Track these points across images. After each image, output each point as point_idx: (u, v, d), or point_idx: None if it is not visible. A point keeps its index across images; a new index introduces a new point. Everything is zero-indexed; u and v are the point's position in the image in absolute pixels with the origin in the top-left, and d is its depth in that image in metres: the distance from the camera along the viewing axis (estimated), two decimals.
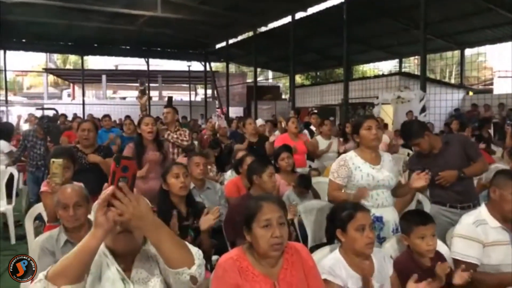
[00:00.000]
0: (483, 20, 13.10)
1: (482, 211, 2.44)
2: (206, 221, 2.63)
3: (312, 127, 7.66)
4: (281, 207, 1.83)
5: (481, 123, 8.99)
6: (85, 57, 25.86)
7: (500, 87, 18.68)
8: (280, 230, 1.74)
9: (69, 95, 32.10)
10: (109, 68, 30.74)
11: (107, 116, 8.15)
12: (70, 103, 25.00)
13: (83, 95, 23.78)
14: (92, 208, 1.36)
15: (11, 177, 5.30)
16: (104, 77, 27.31)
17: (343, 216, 2.08)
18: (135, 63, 29.26)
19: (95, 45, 21.94)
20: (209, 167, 4.47)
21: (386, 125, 10.24)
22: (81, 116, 16.79)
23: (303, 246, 2.00)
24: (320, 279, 1.91)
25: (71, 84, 31.29)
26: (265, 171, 3.11)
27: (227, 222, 3.05)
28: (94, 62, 35.41)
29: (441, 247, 2.39)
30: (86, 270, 1.38)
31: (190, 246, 1.48)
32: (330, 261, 2.06)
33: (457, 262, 2.30)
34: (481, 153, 3.32)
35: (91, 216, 2.08)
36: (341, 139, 6.10)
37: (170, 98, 16.54)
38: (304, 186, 3.80)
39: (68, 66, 36.15)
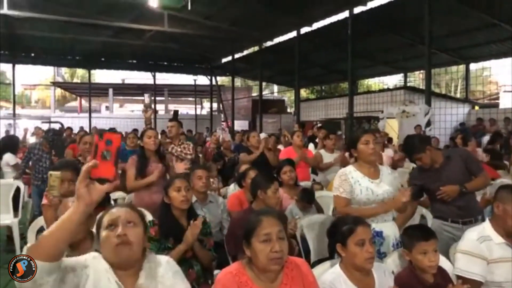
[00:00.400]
0: (488, 35, 13.08)
1: (486, 227, 2.41)
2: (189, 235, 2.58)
3: (318, 141, 7.65)
4: (281, 221, 1.82)
5: (493, 138, 8.82)
6: (92, 71, 26.18)
7: (505, 102, 18.62)
8: (279, 244, 1.74)
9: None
10: (116, 82, 31.09)
11: (112, 129, 8.23)
12: (77, 116, 25.21)
13: (90, 108, 24.00)
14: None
15: (17, 190, 5.33)
16: (111, 91, 27.57)
17: (343, 231, 2.08)
18: (142, 77, 29.58)
19: (102, 59, 22.23)
20: (211, 180, 4.47)
21: (390, 139, 10.22)
22: (88, 129, 16.92)
23: (303, 261, 1.99)
24: None
25: (78, 97, 31.57)
26: (270, 187, 3.10)
27: (229, 236, 3.04)
28: (101, 76, 35.87)
29: (443, 263, 2.37)
30: (63, 247, 1.35)
31: None
32: (330, 275, 2.04)
33: (461, 280, 2.26)
34: (483, 168, 3.29)
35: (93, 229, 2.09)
36: (347, 154, 6.07)
37: (175, 112, 16.59)
38: (307, 200, 3.74)
39: (75, 80, 36.62)
